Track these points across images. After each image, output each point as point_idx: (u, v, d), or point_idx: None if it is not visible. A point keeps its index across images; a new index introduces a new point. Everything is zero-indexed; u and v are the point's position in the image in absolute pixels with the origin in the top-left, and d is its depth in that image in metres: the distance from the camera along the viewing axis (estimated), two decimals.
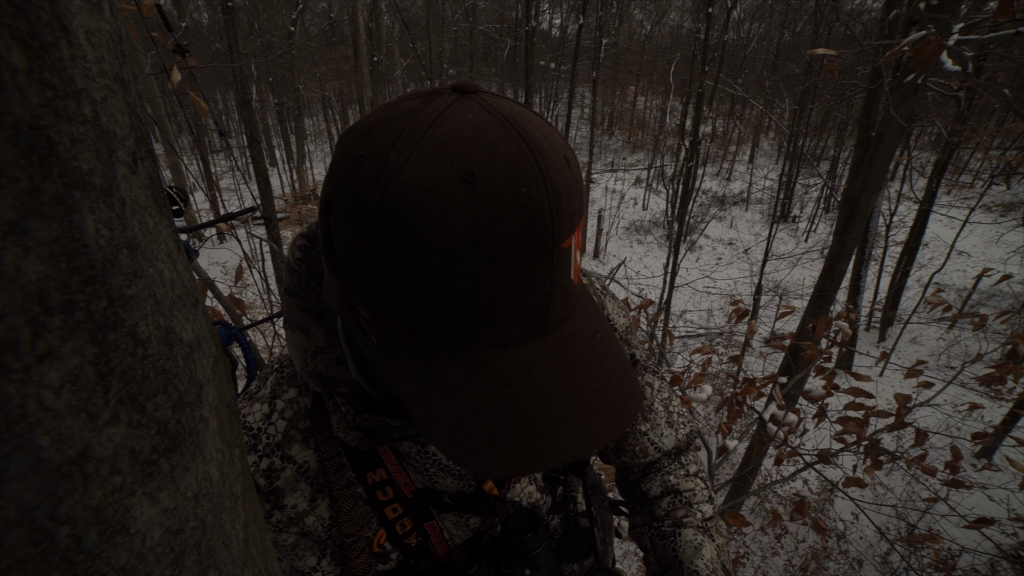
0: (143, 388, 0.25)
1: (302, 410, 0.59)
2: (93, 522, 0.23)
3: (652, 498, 0.78)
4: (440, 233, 0.34)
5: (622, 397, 0.42)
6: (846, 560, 5.89)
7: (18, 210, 0.19)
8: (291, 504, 0.57)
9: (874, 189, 4.40)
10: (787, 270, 12.79)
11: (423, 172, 0.35)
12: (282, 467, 0.57)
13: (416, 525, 0.62)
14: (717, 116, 21.95)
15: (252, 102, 6.07)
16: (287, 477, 0.57)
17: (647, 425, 0.78)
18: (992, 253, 12.85)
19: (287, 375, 0.61)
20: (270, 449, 0.57)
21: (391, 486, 0.60)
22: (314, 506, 0.58)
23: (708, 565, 0.69)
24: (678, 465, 0.80)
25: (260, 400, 0.59)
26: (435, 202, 0.34)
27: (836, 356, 2.89)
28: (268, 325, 7.76)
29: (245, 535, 0.35)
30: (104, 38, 0.23)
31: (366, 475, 0.59)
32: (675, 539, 0.73)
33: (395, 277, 0.37)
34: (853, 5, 15.34)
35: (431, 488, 0.62)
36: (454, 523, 0.65)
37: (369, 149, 0.37)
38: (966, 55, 2.63)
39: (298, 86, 13.70)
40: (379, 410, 0.57)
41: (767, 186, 19.48)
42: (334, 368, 0.54)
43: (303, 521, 0.58)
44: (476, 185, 0.34)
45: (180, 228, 0.97)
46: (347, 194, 0.38)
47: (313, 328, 0.54)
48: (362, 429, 0.55)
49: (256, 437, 0.57)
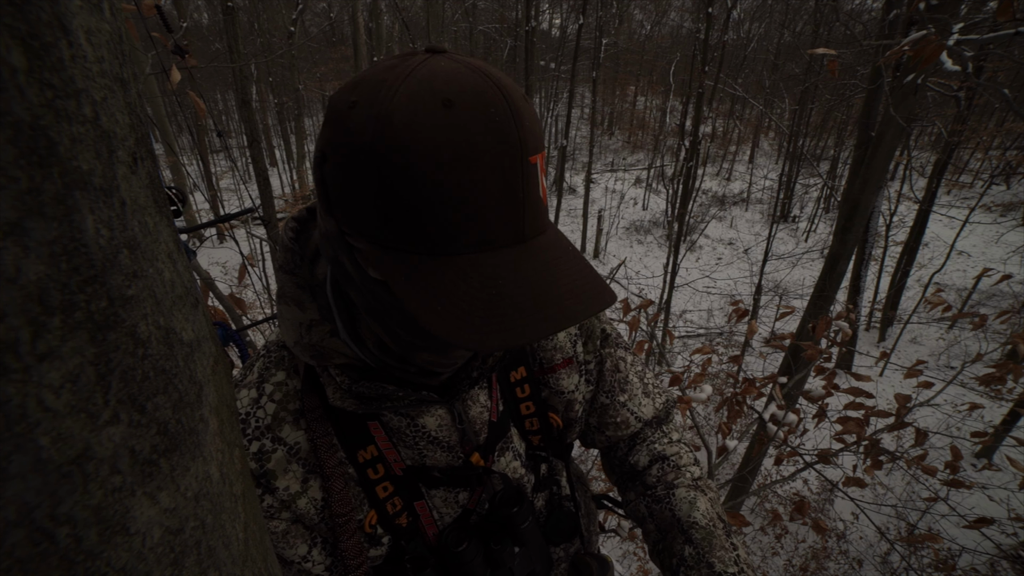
0: (143, 388, 0.25)
1: (291, 392, 0.60)
2: (93, 522, 0.23)
3: (641, 469, 0.81)
4: (427, 147, 0.40)
5: (600, 288, 0.47)
6: (846, 560, 5.89)
7: (18, 210, 0.19)
8: (283, 486, 0.58)
9: (874, 189, 4.40)
10: (787, 270, 12.78)
11: (409, 102, 0.41)
12: (272, 449, 0.58)
13: (406, 504, 0.63)
14: (717, 116, 21.95)
15: (252, 102, 6.07)
16: (278, 459, 0.58)
17: (625, 396, 0.80)
18: (992, 253, 12.85)
19: (274, 359, 0.61)
20: (259, 432, 0.58)
21: (382, 463, 0.61)
22: (306, 487, 0.59)
23: (705, 515, 0.72)
24: (661, 434, 0.83)
25: (247, 386, 0.60)
26: (421, 123, 0.40)
27: (836, 356, 2.89)
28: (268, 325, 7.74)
29: (245, 535, 0.35)
30: (104, 38, 0.23)
31: (357, 453, 0.60)
32: (670, 500, 0.75)
33: (389, 191, 0.42)
34: (853, 5, 15.34)
35: (421, 464, 0.63)
36: (443, 500, 0.66)
37: (359, 95, 0.43)
38: (966, 55, 2.63)
39: (298, 86, 13.70)
40: (374, 377, 0.58)
41: (767, 186, 19.47)
42: (329, 340, 0.56)
43: (295, 504, 0.58)
44: (453, 108, 0.41)
45: (180, 228, 0.97)
46: (343, 133, 0.43)
47: (307, 302, 0.57)
48: (358, 396, 0.57)
49: (245, 421, 0.58)
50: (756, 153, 22.55)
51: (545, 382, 0.74)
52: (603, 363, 0.79)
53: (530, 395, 0.72)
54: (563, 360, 0.75)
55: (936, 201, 10.53)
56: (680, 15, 24.55)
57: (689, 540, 0.70)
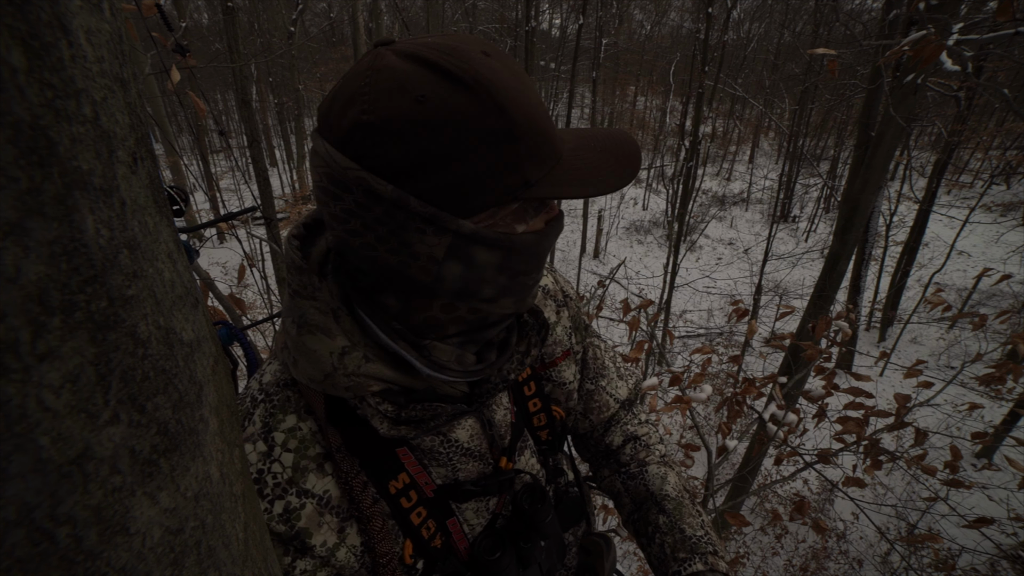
0: (143, 388, 0.25)
1: (307, 436, 0.54)
2: (93, 522, 0.23)
3: (615, 448, 0.87)
4: (509, 85, 0.47)
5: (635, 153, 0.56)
6: (846, 560, 5.89)
7: (18, 210, 0.19)
8: (319, 543, 0.53)
9: (874, 189, 4.40)
10: (787, 270, 12.79)
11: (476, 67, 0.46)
12: (300, 504, 0.53)
13: (439, 525, 0.62)
14: (717, 116, 21.95)
15: (252, 102, 6.07)
16: (308, 514, 0.53)
17: (604, 380, 0.86)
18: (992, 253, 12.85)
19: (277, 403, 0.55)
20: (281, 489, 0.52)
21: (414, 489, 0.59)
22: (343, 537, 0.55)
23: (675, 488, 0.80)
24: (632, 416, 0.89)
25: (250, 439, 0.53)
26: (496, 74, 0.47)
27: (836, 356, 2.89)
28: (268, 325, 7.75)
29: (245, 535, 0.35)
30: (104, 38, 0.23)
31: (388, 484, 0.57)
32: (643, 476, 0.82)
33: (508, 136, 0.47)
34: (853, 5, 15.34)
35: (453, 480, 0.63)
36: (474, 511, 0.66)
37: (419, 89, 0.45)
38: (966, 55, 2.63)
39: (298, 86, 13.70)
40: (422, 397, 0.56)
41: (767, 186, 19.48)
42: (365, 366, 0.51)
43: (334, 557, 0.54)
44: (491, 56, 0.48)
45: (180, 228, 0.97)
46: (436, 117, 0.45)
47: (334, 328, 0.52)
48: (410, 423, 0.54)
49: (259, 480, 0.52)
50: (756, 153, 22.55)
51: (548, 377, 0.78)
52: (587, 351, 0.85)
53: (535, 392, 0.75)
54: (562, 353, 0.79)
55: (936, 201, 10.53)
56: (680, 15, 24.56)
57: (662, 510, 0.77)
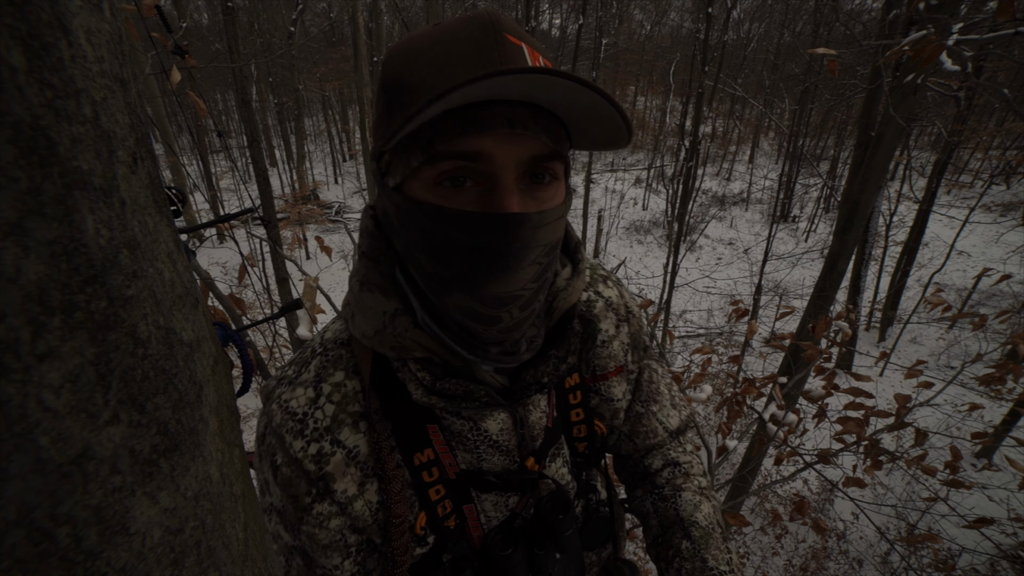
0: (143, 388, 0.25)
1: (350, 394, 0.59)
2: (93, 522, 0.23)
3: (654, 471, 0.83)
4: (412, 41, 0.50)
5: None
6: (846, 560, 5.89)
7: (18, 210, 0.19)
8: (341, 489, 0.58)
9: (874, 189, 4.40)
10: (787, 270, 12.79)
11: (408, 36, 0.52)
12: (332, 452, 0.57)
13: (456, 507, 0.63)
14: (717, 116, 21.95)
15: (252, 102, 6.07)
16: (337, 462, 0.57)
17: (656, 406, 0.82)
18: (992, 253, 12.85)
19: (332, 358, 0.61)
20: (319, 434, 0.57)
21: (437, 467, 0.61)
22: (363, 490, 0.59)
23: (706, 518, 0.75)
24: (677, 444, 0.85)
25: (303, 384, 0.60)
26: (411, 35, 0.51)
27: (836, 356, 2.89)
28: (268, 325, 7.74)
29: (245, 535, 0.35)
30: (104, 38, 0.23)
31: (414, 456, 0.60)
32: (675, 500, 0.78)
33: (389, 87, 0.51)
34: (853, 5, 15.34)
35: (477, 468, 0.64)
36: (493, 504, 0.66)
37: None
38: (966, 55, 2.63)
39: (298, 86, 13.70)
40: (457, 373, 0.58)
41: (767, 186, 19.47)
42: (412, 331, 0.55)
43: (352, 506, 0.58)
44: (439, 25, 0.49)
45: (180, 228, 0.97)
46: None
47: (391, 290, 0.56)
48: (442, 395, 0.56)
49: (303, 422, 0.57)
50: (756, 153, 22.55)
51: (596, 390, 0.75)
52: (642, 373, 0.81)
53: (580, 402, 0.73)
54: (615, 368, 0.76)
55: (936, 201, 10.54)
56: (680, 15, 24.56)
57: (688, 536, 0.72)
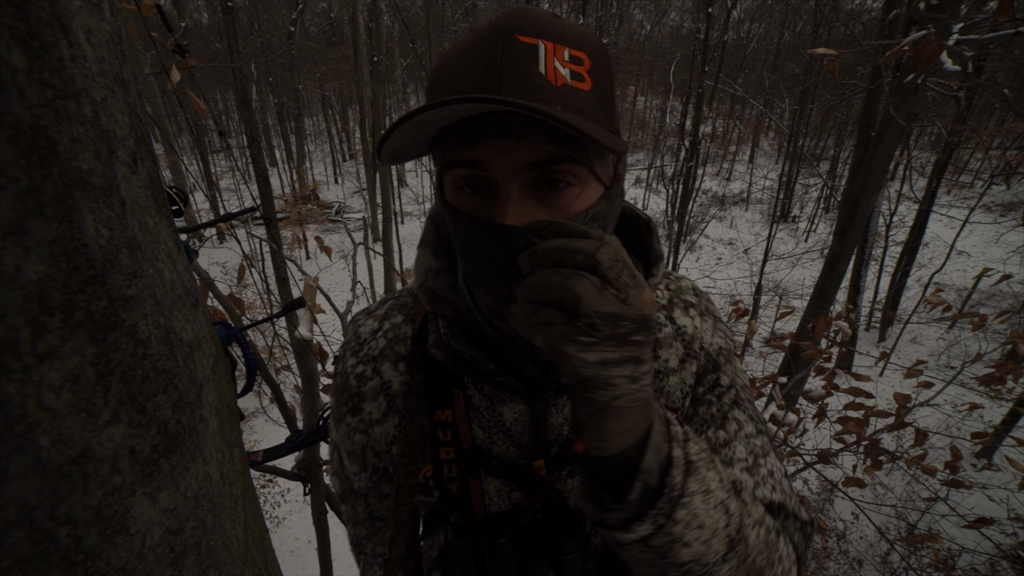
0: (143, 388, 0.25)
1: (401, 336, 0.67)
2: (93, 522, 0.23)
3: None
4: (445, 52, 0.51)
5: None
6: (846, 560, 5.88)
7: (18, 210, 0.19)
8: (368, 411, 0.65)
9: (874, 189, 4.40)
10: (787, 270, 12.78)
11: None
12: (371, 377, 0.65)
13: (461, 475, 0.65)
14: (717, 116, 21.94)
15: (252, 102, 6.05)
16: (372, 387, 0.65)
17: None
18: (992, 253, 12.85)
19: (399, 303, 0.70)
20: (368, 359, 0.66)
21: (452, 429, 0.64)
22: (384, 420, 0.65)
23: None
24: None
25: (375, 317, 0.69)
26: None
27: (836, 356, 2.89)
28: (268, 325, 7.73)
29: (245, 535, 0.35)
30: (104, 38, 0.23)
31: (435, 412, 0.65)
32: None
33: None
34: (853, 5, 15.34)
35: (487, 448, 0.64)
36: (497, 490, 0.66)
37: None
38: (966, 55, 2.63)
39: (298, 86, 13.70)
40: (472, 340, 0.61)
41: (767, 186, 19.47)
42: (448, 292, 0.61)
43: (373, 429, 0.65)
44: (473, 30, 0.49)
45: (180, 228, 0.97)
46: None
47: (442, 252, 0.63)
48: (451, 352, 0.61)
49: (361, 346, 0.67)
50: (756, 153, 22.55)
51: None
52: (708, 426, 0.66)
53: None
54: (666, 408, 0.62)
55: (936, 201, 10.53)
56: (680, 15, 24.54)
57: None
